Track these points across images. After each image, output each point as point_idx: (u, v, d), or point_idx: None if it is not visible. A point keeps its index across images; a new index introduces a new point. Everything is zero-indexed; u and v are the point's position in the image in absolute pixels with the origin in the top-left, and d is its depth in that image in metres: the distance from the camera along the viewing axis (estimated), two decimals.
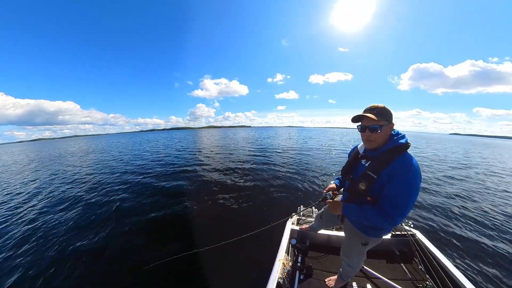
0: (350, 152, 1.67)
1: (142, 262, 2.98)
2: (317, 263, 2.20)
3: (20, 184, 8.53)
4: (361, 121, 1.27)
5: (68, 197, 6.18)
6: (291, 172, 8.25)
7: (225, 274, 2.80)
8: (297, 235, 2.51)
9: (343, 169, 1.59)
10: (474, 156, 15.89)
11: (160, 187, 6.64)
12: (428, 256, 1.96)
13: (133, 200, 5.58)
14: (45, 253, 3.42)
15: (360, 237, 1.43)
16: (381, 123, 1.18)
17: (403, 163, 1.11)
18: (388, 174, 1.13)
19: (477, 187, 6.76)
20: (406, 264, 2.09)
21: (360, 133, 1.30)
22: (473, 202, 5.35)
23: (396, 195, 1.08)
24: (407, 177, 1.07)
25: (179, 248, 3.36)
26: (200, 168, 9.19)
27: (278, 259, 2.01)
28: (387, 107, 1.20)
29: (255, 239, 1.66)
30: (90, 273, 2.93)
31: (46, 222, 4.54)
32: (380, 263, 2.12)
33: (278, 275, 1.83)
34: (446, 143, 33.72)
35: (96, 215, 4.73)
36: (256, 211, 4.70)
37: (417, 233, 2.27)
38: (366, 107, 1.26)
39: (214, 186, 6.54)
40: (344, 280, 1.81)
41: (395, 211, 1.08)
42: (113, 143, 36.12)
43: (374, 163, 1.23)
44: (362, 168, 1.35)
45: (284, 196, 5.62)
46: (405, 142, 1.18)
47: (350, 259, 1.63)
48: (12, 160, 19.25)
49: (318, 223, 2.22)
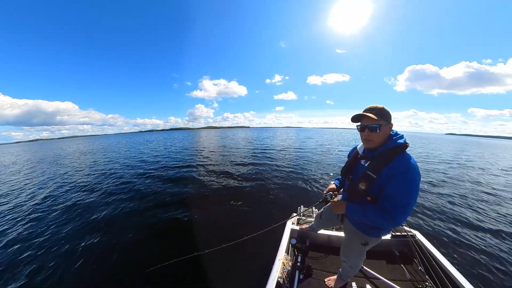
0: (349, 152, 1.68)
1: (144, 264, 2.97)
2: (317, 263, 2.20)
3: (23, 184, 8.50)
4: (360, 121, 1.29)
5: (70, 199, 6.14)
6: (291, 172, 8.26)
7: (225, 275, 2.80)
8: (297, 235, 2.51)
9: (342, 170, 1.60)
10: (477, 156, 15.92)
11: (162, 189, 6.60)
12: (428, 257, 1.96)
13: (134, 202, 5.53)
14: (47, 254, 3.41)
15: (360, 237, 1.44)
16: (380, 123, 1.19)
17: (402, 163, 1.12)
18: (387, 174, 1.14)
19: (481, 188, 6.76)
20: (405, 264, 2.09)
21: (359, 132, 1.31)
22: (478, 202, 5.35)
23: (396, 195, 1.09)
24: (407, 177, 1.08)
25: (180, 250, 3.35)
26: (202, 170, 9.17)
27: (278, 259, 2.01)
28: (386, 108, 1.22)
29: (255, 239, 1.66)
30: (92, 275, 2.91)
31: (49, 224, 4.52)
32: (379, 264, 2.13)
33: (278, 274, 1.83)
34: (452, 144, 33.65)
35: (96, 217, 4.70)
36: (257, 211, 4.70)
37: (417, 233, 2.27)
38: (366, 107, 1.28)
39: (216, 187, 6.53)
40: (343, 280, 1.82)
41: (396, 210, 1.09)
42: (113, 144, 35.79)
43: (373, 163, 1.24)
44: (361, 168, 1.35)
45: (284, 197, 5.62)
46: (404, 142, 1.20)
47: (349, 259, 1.63)
48: (14, 160, 19.14)
49: (318, 223, 2.22)
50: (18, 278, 2.88)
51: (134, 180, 7.85)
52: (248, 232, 1.68)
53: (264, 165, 9.90)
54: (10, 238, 3.98)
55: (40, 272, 2.97)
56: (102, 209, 5.15)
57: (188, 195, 5.91)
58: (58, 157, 18.64)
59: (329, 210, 1.93)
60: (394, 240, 2.27)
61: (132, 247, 3.51)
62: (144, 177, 8.35)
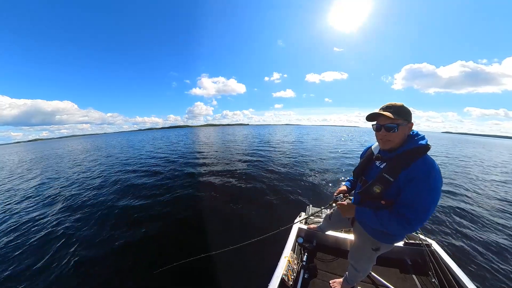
0: (362, 152, 1.59)
1: (152, 265, 3.01)
2: (323, 264, 2.17)
3: (26, 183, 8.75)
4: (376, 120, 1.20)
5: (79, 198, 6.22)
6: (297, 171, 8.11)
7: (232, 276, 2.78)
8: (304, 234, 2.48)
9: (355, 171, 1.53)
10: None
11: (167, 190, 6.43)
12: (444, 269, 1.83)
13: (139, 202, 5.51)
14: (55, 253, 3.49)
15: (371, 242, 1.38)
16: (398, 122, 1.10)
17: (424, 166, 1.03)
18: (406, 178, 1.06)
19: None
20: (418, 275, 1.98)
21: (375, 132, 1.23)
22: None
23: (416, 200, 1.02)
24: (429, 181, 1.00)
25: (188, 251, 3.35)
26: (207, 170, 9.01)
27: (284, 256, 2.01)
28: (405, 106, 1.12)
29: (263, 240, 1.65)
30: (100, 275, 2.98)
31: (61, 222, 4.63)
32: (389, 271, 2.04)
33: (283, 271, 1.83)
34: (466, 144, 31.49)
35: (98, 218, 4.73)
36: (265, 211, 4.62)
37: (433, 243, 2.13)
38: (383, 105, 1.18)
39: (221, 187, 6.47)
40: (349, 284, 1.77)
41: (414, 217, 1.01)
42: (114, 143, 35.09)
43: (390, 165, 1.16)
44: (376, 170, 1.28)
45: (292, 196, 5.55)
46: (426, 144, 1.11)
47: (358, 263, 1.58)
48: (19, 159, 19.59)
49: (327, 224, 2.18)
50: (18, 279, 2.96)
51: (137, 181, 7.64)
52: (256, 232, 1.67)
53: (268, 163, 9.72)
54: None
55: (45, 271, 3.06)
56: (100, 209, 5.18)
57: (194, 196, 5.82)
58: (60, 157, 18.58)
59: (339, 212, 1.88)
60: (408, 248, 2.15)
61: (139, 248, 3.53)
62: (148, 177, 8.20)
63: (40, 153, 25.36)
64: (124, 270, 3.05)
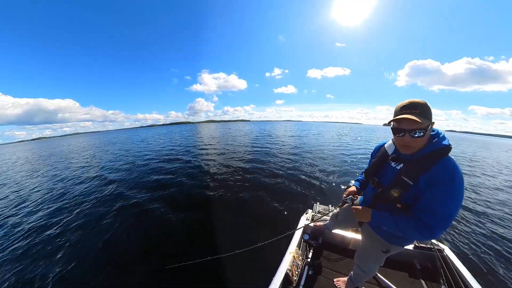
0: (374, 151, 1.48)
1: (161, 263, 3.04)
2: (327, 262, 2.16)
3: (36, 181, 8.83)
4: (399, 123, 1.03)
5: (87, 196, 6.33)
6: (302, 168, 8.01)
7: (239, 278, 2.76)
8: (310, 231, 2.47)
9: (366, 171, 1.45)
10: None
11: (173, 190, 6.34)
12: (457, 278, 1.75)
13: (148, 201, 5.52)
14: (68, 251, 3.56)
15: (381, 244, 1.33)
16: (425, 126, 0.96)
17: (447, 169, 0.95)
18: (427, 182, 0.99)
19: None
20: (427, 281, 1.91)
21: (394, 135, 1.09)
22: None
23: (438, 206, 0.94)
24: (453, 186, 0.93)
25: (193, 252, 3.35)
26: (213, 169, 8.80)
27: (289, 252, 2.01)
28: (427, 103, 0.99)
29: (271, 242, 1.64)
30: (110, 271, 3.04)
31: (71, 219, 4.73)
32: (396, 274, 1.99)
33: (287, 267, 1.84)
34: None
35: (101, 217, 4.76)
36: (272, 210, 4.57)
37: (446, 248, 2.04)
38: (403, 103, 1.01)
39: (229, 187, 6.32)
40: (354, 283, 1.74)
41: (436, 223, 0.94)
42: (116, 140, 35.39)
43: (409, 167, 1.08)
44: (392, 171, 1.20)
45: (298, 193, 5.51)
46: (448, 145, 1.01)
47: (365, 264, 1.54)
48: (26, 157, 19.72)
49: (333, 223, 2.14)
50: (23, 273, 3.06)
51: (142, 180, 7.63)
52: (263, 232, 1.66)
53: (272, 161, 9.55)
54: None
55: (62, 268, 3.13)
56: (106, 208, 5.24)
57: (200, 196, 5.70)
58: (64, 156, 18.38)
59: (346, 212, 1.82)
60: (418, 251, 2.07)
61: (148, 246, 3.58)
62: (155, 174, 8.21)
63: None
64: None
